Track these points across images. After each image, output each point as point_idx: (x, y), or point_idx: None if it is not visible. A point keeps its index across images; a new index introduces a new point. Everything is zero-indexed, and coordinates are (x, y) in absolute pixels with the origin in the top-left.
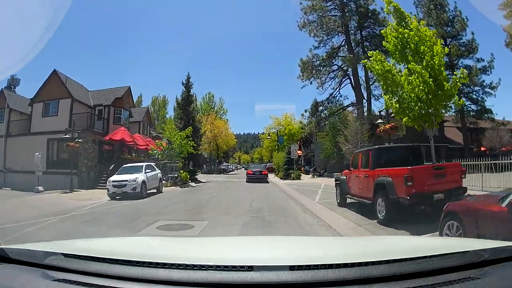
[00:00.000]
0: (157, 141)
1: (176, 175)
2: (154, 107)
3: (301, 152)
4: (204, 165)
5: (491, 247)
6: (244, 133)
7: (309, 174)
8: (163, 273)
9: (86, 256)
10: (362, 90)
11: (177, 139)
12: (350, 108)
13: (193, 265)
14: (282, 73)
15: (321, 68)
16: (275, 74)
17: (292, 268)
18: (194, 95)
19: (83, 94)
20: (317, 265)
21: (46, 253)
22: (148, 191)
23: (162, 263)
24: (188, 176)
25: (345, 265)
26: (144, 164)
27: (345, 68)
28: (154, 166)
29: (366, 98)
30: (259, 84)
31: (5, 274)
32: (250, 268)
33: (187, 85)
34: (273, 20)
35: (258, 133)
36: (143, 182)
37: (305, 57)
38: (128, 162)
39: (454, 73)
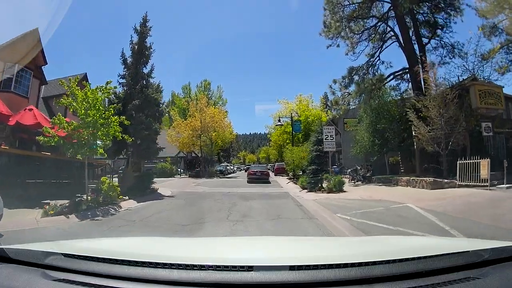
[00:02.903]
0: (55, 117)
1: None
2: None
3: None
4: (197, 166)
5: (491, 247)
6: (250, 133)
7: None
8: (163, 273)
9: (86, 256)
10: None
11: (88, 109)
12: (392, 82)
13: (193, 265)
14: (283, 73)
15: (353, 23)
16: (277, 73)
17: (292, 268)
18: (151, 46)
19: None
20: (317, 265)
21: (46, 253)
22: None
23: (162, 263)
24: (118, 188)
25: (345, 265)
26: None
27: (384, 21)
28: None
29: (420, 62)
30: (262, 83)
31: (5, 274)
32: (250, 268)
33: (142, 32)
34: (273, 21)
35: (265, 133)
36: None
37: None
38: None
39: None
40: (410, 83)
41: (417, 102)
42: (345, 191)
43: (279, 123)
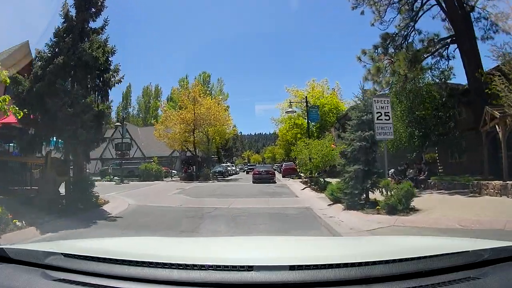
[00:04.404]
0: None
1: None
2: (145, 98)
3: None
4: (189, 167)
5: (491, 247)
6: (255, 133)
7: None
8: (163, 273)
9: (86, 256)
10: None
11: None
12: (428, 60)
13: (193, 265)
14: (283, 73)
15: None
16: (277, 73)
17: (292, 268)
18: None
19: None
20: (317, 265)
21: (46, 253)
22: None
23: (162, 263)
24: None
25: (345, 265)
26: None
27: None
28: None
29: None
30: (262, 83)
31: (5, 274)
32: (250, 268)
33: None
34: (273, 21)
35: (270, 133)
36: None
37: None
38: None
39: None
40: (449, 60)
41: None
42: (416, 209)
43: (290, 110)
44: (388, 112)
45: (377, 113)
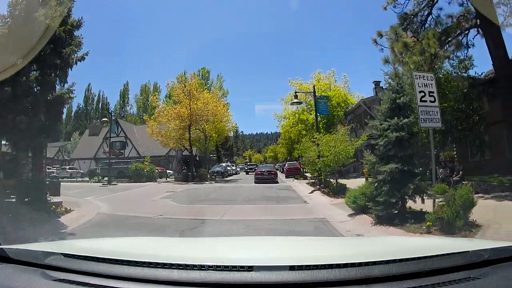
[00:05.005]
0: None
1: None
2: (143, 96)
3: None
4: (185, 167)
5: (491, 247)
6: (256, 132)
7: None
8: (163, 273)
9: (86, 256)
10: None
11: None
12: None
13: (193, 265)
14: (283, 73)
15: None
16: (277, 73)
17: (292, 268)
18: None
19: None
20: (317, 265)
21: (46, 253)
22: None
23: (162, 263)
24: None
25: (345, 265)
26: None
27: None
28: None
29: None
30: (262, 83)
31: (5, 274)
32: (250, 268)
33: None
34: (273, 21)
35: (271, 132)
36: None
37: None
38: None
39: None
40: (468, 49)
41: None
42: (476, 224)
43: (296, 101)
44: (433, 92)
45: (419, 92)
